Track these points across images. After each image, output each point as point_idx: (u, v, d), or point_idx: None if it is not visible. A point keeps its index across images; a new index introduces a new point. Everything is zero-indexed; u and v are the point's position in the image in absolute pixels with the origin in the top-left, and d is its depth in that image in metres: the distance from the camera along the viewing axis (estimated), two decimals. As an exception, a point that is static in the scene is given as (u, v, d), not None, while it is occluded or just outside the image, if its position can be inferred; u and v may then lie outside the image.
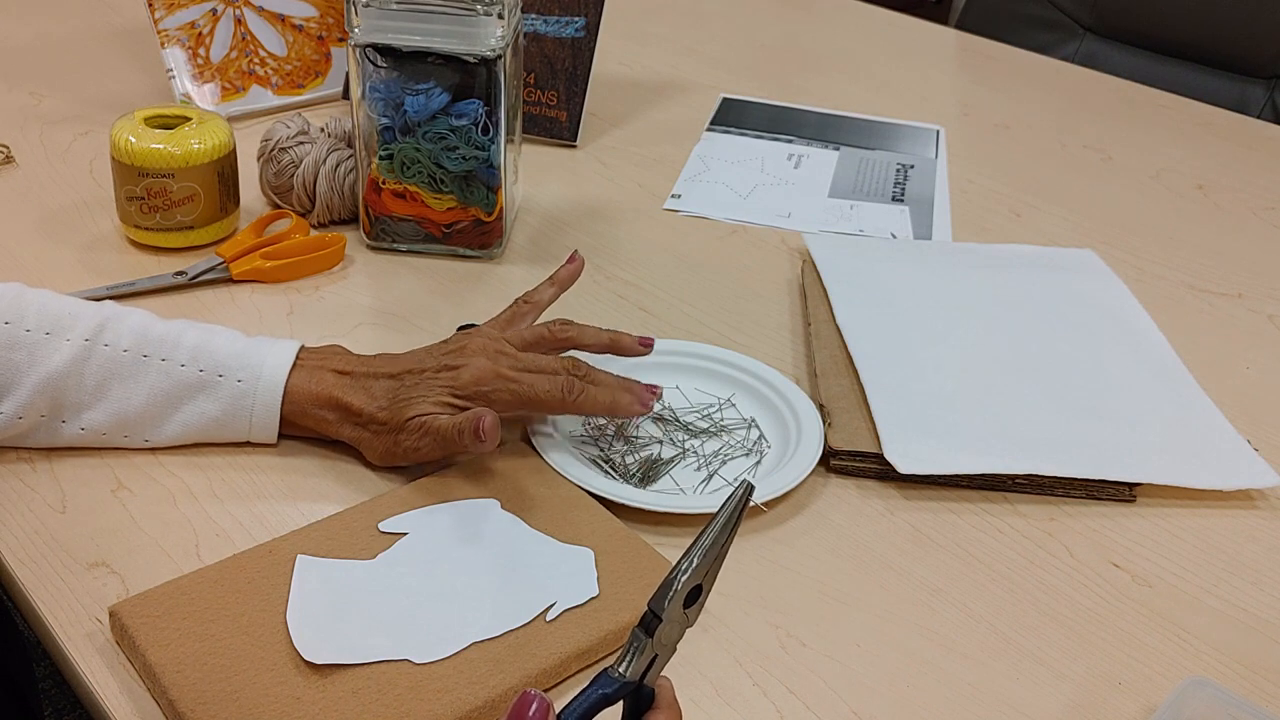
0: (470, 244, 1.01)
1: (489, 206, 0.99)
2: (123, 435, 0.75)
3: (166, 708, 0.58)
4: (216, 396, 0.75)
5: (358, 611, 0.63)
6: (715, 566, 0.50)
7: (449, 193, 0.98)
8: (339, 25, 1.28)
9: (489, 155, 0.96)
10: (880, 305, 0.95)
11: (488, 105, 0.94)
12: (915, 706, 0.63)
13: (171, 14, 1.20)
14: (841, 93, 1.46)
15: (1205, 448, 0.82)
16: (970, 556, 0.73)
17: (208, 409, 0.75)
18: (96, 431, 0.74)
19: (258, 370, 0.75)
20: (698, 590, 0.49)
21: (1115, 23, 1.73)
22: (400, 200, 0.98)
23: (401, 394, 0.74)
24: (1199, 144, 1.40)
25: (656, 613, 0.49)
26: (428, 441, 0.73)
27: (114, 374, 0.74)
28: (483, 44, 0.92)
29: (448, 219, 0.99)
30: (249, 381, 0.75)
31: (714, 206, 1.15)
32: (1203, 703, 0.62)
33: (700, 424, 0.82)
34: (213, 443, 0.77)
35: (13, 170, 1.10)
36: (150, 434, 0.75)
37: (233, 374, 0.75)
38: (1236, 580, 0.73)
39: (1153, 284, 1.07)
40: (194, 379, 0.74)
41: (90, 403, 0.74)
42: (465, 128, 0.95)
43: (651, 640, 0.49)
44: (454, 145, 0.95)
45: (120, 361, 0.74)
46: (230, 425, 0.75)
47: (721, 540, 0.49)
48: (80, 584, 0.66)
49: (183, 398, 0.75)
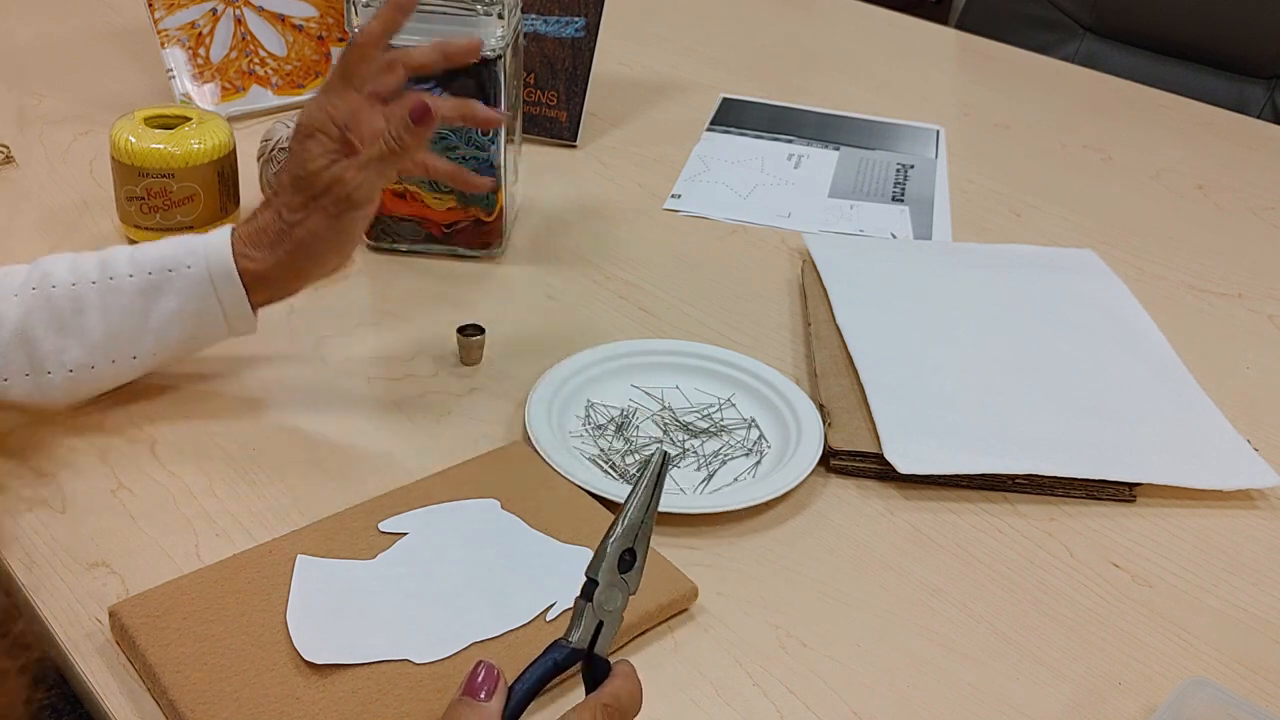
0: (471, 244, 1.01)
1: (489, 206, 0.99)
2: (110, 362, 0.75)
3: (166, 708, 0.58)
4: (175, 290, 0.75)
5: (358, 611, 0.63)
6: (645, 532, 0.53)
7: (449, 193, 0.98)
8: (339, 25, 1.28)
9: (489, 155, 0.96)
10: (880, 305, 0.95)
11: (487, 105, 0.94)
12: (915, 706, 0.63)
13: (171, 14, 1.20)
14: (841, 93, 1.46)
15: (1205, 448, 0.82)
16: (970, 556, 0.73)
17: (172, 305, 0.75)
18: (84, 368, 0.74)
19: (201, 251, 0.75)
20: (632, 555, 0.53)
21: (1115, 23, 1.73)
22: (400, 200, 0.98)
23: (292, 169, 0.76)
24: (1199, 144, 1.40)
25: (591, 577, 0.53)
26: (353, 167, 0.75)
27: (70, 310, 0.74)
28: (483, 44, 0.92)
29: (448, 219, 0.99)
30: (197, 265, 0.75)
31: (714, 206, 1.15)
32: (1203, 703, 0.62)
33: (700, 424, 0.82)
34: (199, 344, 0.78)
35: (13, 170, 1.10)
36: (135, 350, 0.75)
37: (180, 263, 0.75)
38: (1236, 580, 0.73)
39: (1153, 284, 1.07)
40: (146, 284, 0.75)
41: (63, 344, 0.74)
42: (465, 128, 0.95)
43: (591, 604, 0.52)
44: (454, 145, 0.95)
45: (70, 296, 0.74)
46: (203, 314, 0.76)
47: (644, 506, 0.53)
48: (80, 584, 0.66)
49: (145, 305, 0.75)
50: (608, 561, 0.53)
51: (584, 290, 0.99)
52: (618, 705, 0.51)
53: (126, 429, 0.78)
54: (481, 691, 0.50)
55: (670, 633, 0.66)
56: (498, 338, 0.90)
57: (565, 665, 0.52)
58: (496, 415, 0.82)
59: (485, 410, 0.83)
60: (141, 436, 0.78)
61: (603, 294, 0.98)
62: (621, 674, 0.53)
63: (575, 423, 0.82)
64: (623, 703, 0.51)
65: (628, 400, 0.84)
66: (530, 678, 0.52)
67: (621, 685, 0.52)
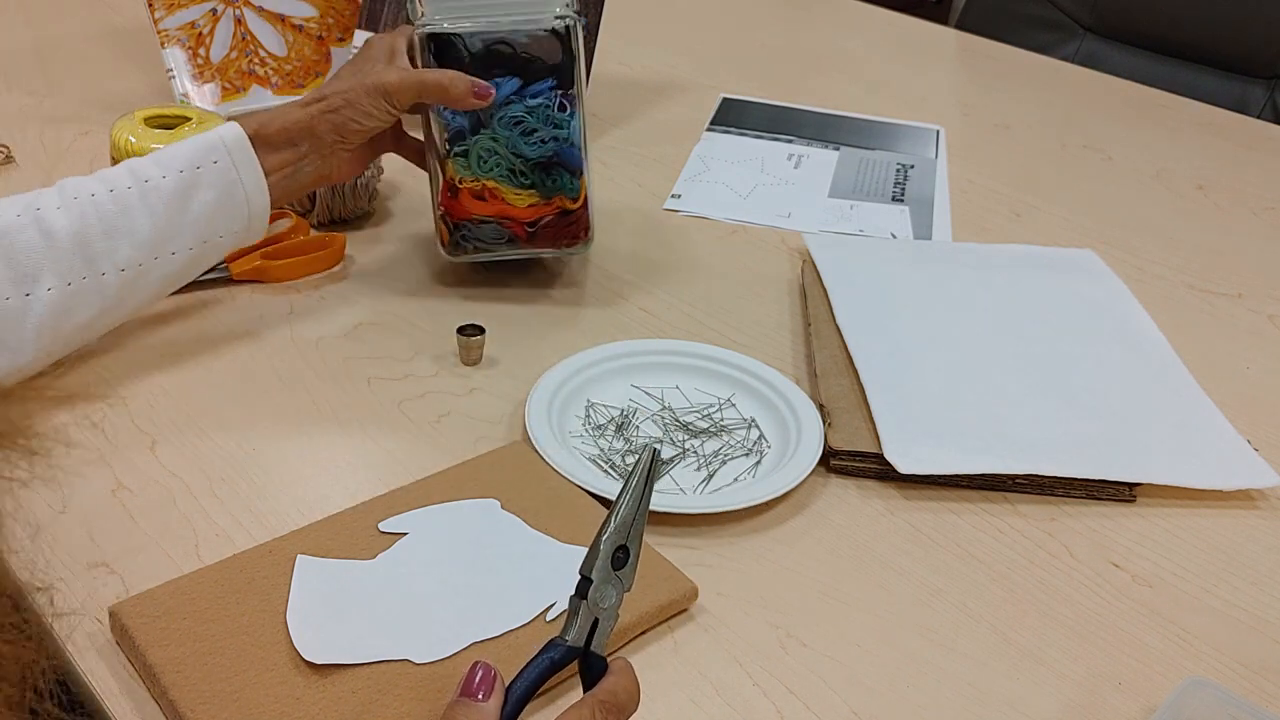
0: (558, 241, 0.95)
1: (574, 192, 0.93)
2: (154, 258, 0.80)
3: (166, 708, 0.58)
4: (209, 184, 0.81)
5: (358, 611, 0.63)
6: (637, 529, 0.54)
7: (529, 186, 0.92)
8: (339, 25, 1.28)
9: (569, 133, 0.91)
10: (880, 305, 0.95)
11: (560, 83, 0.90)
12: (915, 706, 0.63)
13: (171, 14, 1.20)
14: (841, 93, 1.46)
15: (1205, 448, 0.82)
16: (970, 556, 0.73)
17: (206, 198, 0.81)
18: (134, 265, 0.79)
19: (215, 144, 0.82)
20: (625, 552, 0.53)
21: (1115, 23, 1.73)
22: (479, 201, 0.92)
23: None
24: (1199, 144, 1.40)
25: (586, 575, 0.53)
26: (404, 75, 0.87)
27: (115, 211, 0.78)
28: (551, 15, 0.89)
29: (530, 215, 0.93)
30: (222, 157, 0.82)
31: (714, 206, 1.15)
32: (1203, 703, 0.62)
33: (700, 424, 0.82)
34: (222, 240, 0.83)
35: (13, 170, 1.10)
36: (175, 246, 0.81)
37: (207, 159, 0.81)
38: (1236, 580, 0.73)
39: (1153, 284, 1.07)
40: (180, 181, 0.80)
41: (113, 245, 0.78)
42: (541, 107, 0.90)
43: (586, 602, 0.53)
44: (532, 128, 0.90)
45: (112, 200, 0.79)
46: (229, 205, 0.82)
47: (636, 503, 0.53)
48: (80, 584, 0.66)
49: (184, 201, 0.80)
50: (601, 559, 0.53)
51: (584, 290, 0.98)
52: (615, 702, 0.51)
53: (126, 428, 0.78)
54: (479, 692, 0.50)
55: (670, 633, 0.66)
56: (498, 338, 0.90)
57: (562, 664, 0.53)
58: (496, 415, 0.82)
59: (485, 410, 0.83)
60: (141, 436, 0.78)
61: (603, 294, 0.98)
62: (618, 671, 0.53)
63: (575, 423, 0.82)
64: (620, 699, 0.52)
65: (628, 400, 0.84)
66: (527, 677, 0.52)
67: (618, 682, 0.52)
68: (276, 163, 0.85)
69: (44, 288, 0.76)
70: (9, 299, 0.75)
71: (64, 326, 0.77)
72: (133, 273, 0.79)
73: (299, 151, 0.86)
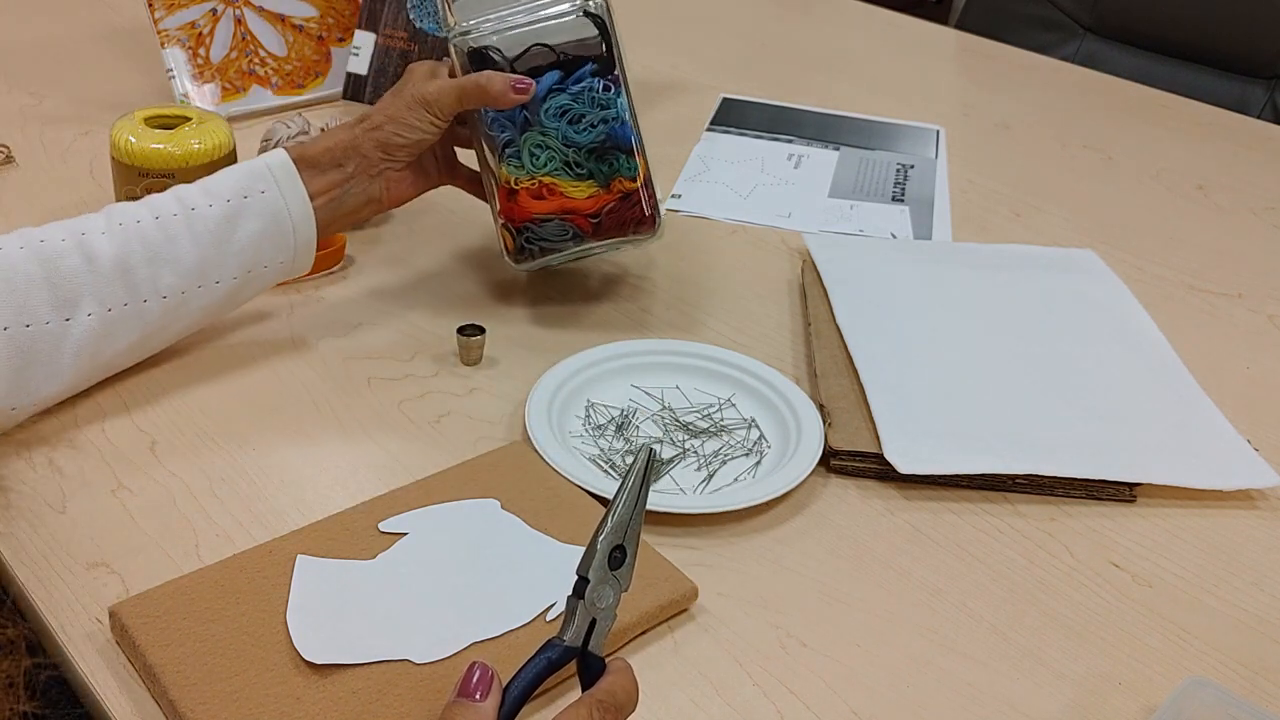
0: (624, 229, 0.91)
1: (631, 172, 0.90)
2: (198, 286, 0.80)
3: (166, 708, 0.58)
4: (255, 213, 0.81)
5: (358, 611, 0.63)
6: (634, 528, 0.54)
7: (586, 176, 0.90)
8: (339, 25, 1.28)
9: (617, 111, 0.89)
10: (880, 305, 0.95)
11: (601, 66, 0.88)
12: (915, 706, 0.63)
13: (171, 14, 1.20)
14: (841, 93, 1.46)
15: (1205, 448, 0.82)
16: (970, 556, 0.73)
17: (253, 227, 0.81)
18: (176, 293, 0.79)
19: (262, 172, 0.82)
20: (622, 552, 0.54)
21: (1115, 23, 1.73)
22: (538, 200, 0.89)
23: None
24: (1199, 144, 1.40)
25: (583, 575, 0.53)
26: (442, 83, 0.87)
27: (160, 238, 0.78)
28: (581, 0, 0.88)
29: (592, 205, 0.90)
30: (269, 186, 0.82)
31: (714, 206, 1.15)
32: (1203, 703, 0.62)
33: (700, 424, 0.82)
34: (268, 272, 0.83)
35: (13, 170, 1.10)
36: (219, 275, 0.81)
37: (255, 188, 0.81)
38: (1236, 580, 0.73)
39: (1153, 284, 1.07)
40: (226, 210, 0.80)
41: (156, 272, 0.78)
42: (584, 92, 0.88)
43: (583, 602, 0.53)
44: (579, 114, 0.88)
45: (157, 227, 0.79)
46: (275, 235, 0.82)
47: (633, 503, 0.54)
48: (80, 584, 0.66)
49: (229, 231, 0.81)
50: (598, 559, 0.53)
51: (584, 290, 0.98)
52: (613, 701, 0.51)
53: (126, 429, 0.78)
54: (476, 692, 0.51)
55: (670, 633, 0.66)
56: (498, 338, 0.90)
57: (559, 664, 0.53)
58: (496, 415, 0.82)
59: (485, 410, 0.83)
60: (141, 436, 0.78)
61: (603, 294, 0.98)
62: (616, 670, 0.53)
63: (575, 423, 0.82)
64: (618, 699, 0.52)
65: (628, 400, 0.84)
66: (524, 677, 0.52)
67: (616, 681, 0.52)
68: (323, 185, 0.85)
69: (84, 313, 0.76)
70: (49, 323, 0.75)
71: (104, 352, 0.78)
72: (175, 300, 0.79)
73: (345, 172, 0.86)
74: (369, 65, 1.25)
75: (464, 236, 1.04)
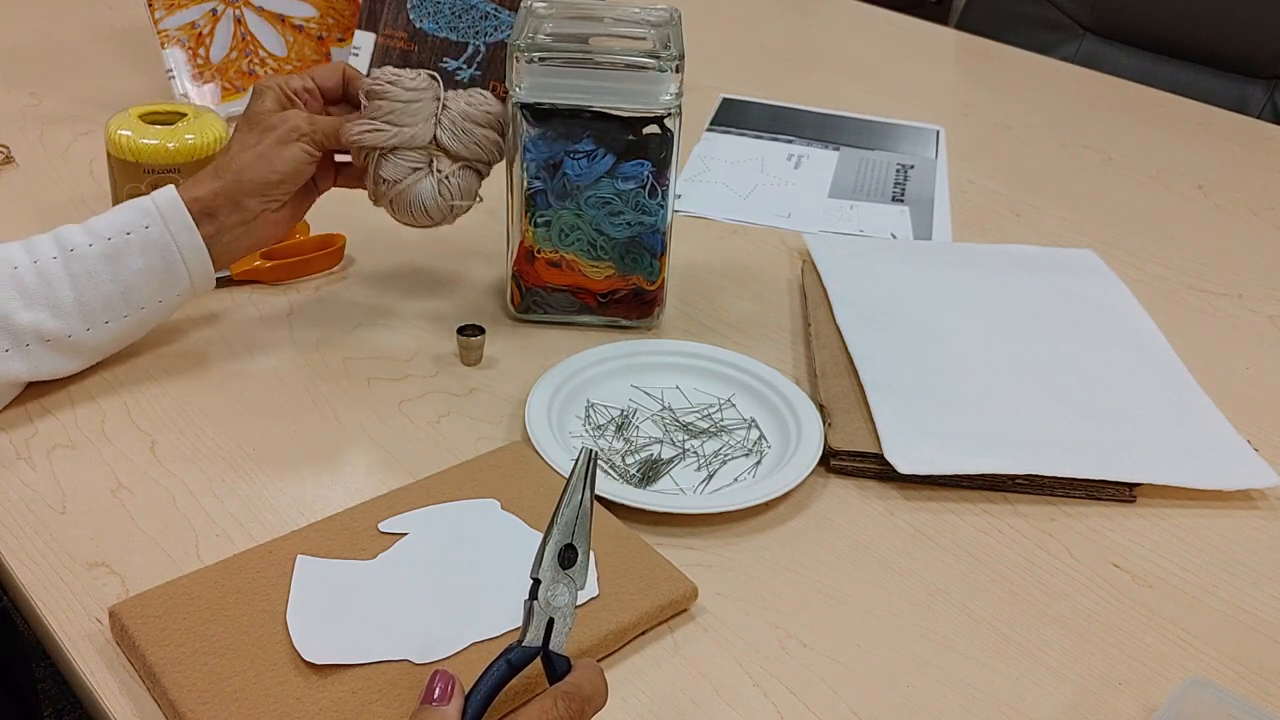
0: (629, 314, 0.93)
1: (652, 275, 0.90)
2: (85, 330, 0.78)
3: (166, 708, 0.58)
4: (139, 249, 0.79)
5: (358, 611, 0.63)
6: (583, 529, 0.56)
7: (607, 260, 0.90)
8: (339, 25, 1.28)
9: (655, 220, 0.88)
10: (880, 305, 0.95)
11: (656, 166, 0.87)
12: (915, 706, 0.63)
13: (171, 14, 1.20)
14: (841, 93, 1.46)
15: (1205, 448, 0.82)
16: (970, 556, 0.73)
17: (137, 264, 0.79)
18: (61, 336, 0.77)
19: (152, 208, 0.79)
20: (573, 551, 0.55)
21: (1115, 23, 1.73)
22: (555, 269, 0.90)
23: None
24: (1199, 144, 1.40)
25: (534, 577, 0.55)
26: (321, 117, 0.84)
27: (36, 284, 0.77)
28: (657, 101, 0.85)
29: (605, 288, 0.91)
30: (154, 221, 0.79)
31: (714, 206, 1.15)
32: (1203, 703, 0.62)
33: (700, 424, 0.82)
34: (167, 301, 0.81)
35: (13, 170, 1.10)
36: (108, 315, 0.79)
37: (137, 225, 0.79)
38: (1236, 580, 0.73)
39: (1153, 284, 1.07)
40: (108, 249, 0.78)
41: (36, 317, 0.76)
42: (632, 191, 0.87)
43: (537, 603, 0.55)
44: (619, 210, 0.87)
45: (34, 272, 0.77)
46: (164, 270, 0.80)
47: (578, 504, 0.55)
48: (80, 584, 0.66)
49: (112, 270, 0.78)
50: (548, 559, 0.55)
51: (584, 290, 0.98)
52: (578, 693, 0.53)
53: (126, 429, 0.78)
54: (438, 698, 0.52)
55: (670, 633, 0.66)
56: (498, 338, 0.90)
57: (520, 665, 0.54)
58: (496, 415, 0.82)
59: (485, 410, 0.83)
60: (141, 436, 0.78)
61: (603, 294, 0.98)
62: (582, 665, 0.55)
63: (575, 423, 0.82)
64: (584, 690, 0.53)
65: (628, 400, 0.84)
66: (486, 682, 0.54)
67: (582, 675, 0.54)
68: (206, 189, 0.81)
69: None
70: None
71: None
72: (62, 343, 0.78)
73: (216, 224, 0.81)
74: (369, 65, 1.25)
75: (464, 236, 1.04)
